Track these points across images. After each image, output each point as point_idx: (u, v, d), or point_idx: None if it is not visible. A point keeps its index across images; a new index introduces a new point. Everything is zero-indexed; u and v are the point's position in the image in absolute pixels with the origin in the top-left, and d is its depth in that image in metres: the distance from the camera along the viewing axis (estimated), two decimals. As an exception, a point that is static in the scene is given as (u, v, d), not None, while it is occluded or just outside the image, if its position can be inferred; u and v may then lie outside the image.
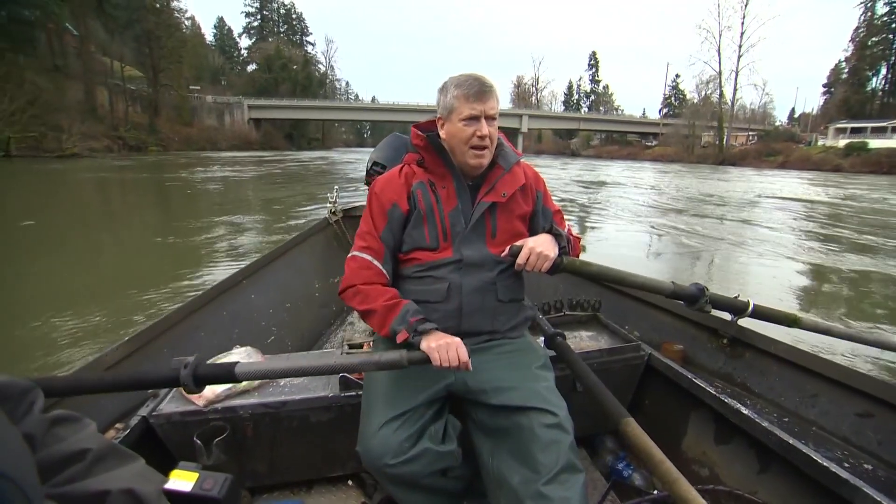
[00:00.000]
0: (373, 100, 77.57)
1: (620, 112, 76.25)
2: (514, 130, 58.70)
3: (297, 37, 74.72)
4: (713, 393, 1.34)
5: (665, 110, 67.58)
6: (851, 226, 9.60)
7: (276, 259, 2.27)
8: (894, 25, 45.23)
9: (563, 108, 77.33)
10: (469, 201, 1.16)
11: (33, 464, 0.41)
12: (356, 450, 1.06)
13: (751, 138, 50.69)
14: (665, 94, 69.30)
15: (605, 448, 1.62)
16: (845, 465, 1.08)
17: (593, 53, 78.37)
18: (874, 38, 46.11)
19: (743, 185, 19.98)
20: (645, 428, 0.98)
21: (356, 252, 1.17)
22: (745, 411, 1.24)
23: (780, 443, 1.12)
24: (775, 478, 1.19)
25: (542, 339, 1.43)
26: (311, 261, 2.58)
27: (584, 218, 10.05)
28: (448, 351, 1.00)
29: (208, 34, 67.85)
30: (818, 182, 23.27)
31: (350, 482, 1.47)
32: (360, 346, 1.49)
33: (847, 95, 46.09)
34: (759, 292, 4.74)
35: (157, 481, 0.54)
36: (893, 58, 45.69)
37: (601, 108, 75.18)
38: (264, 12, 72.71)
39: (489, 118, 1.10)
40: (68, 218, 8.58)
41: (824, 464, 1.02)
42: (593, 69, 77.66)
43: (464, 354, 1.01)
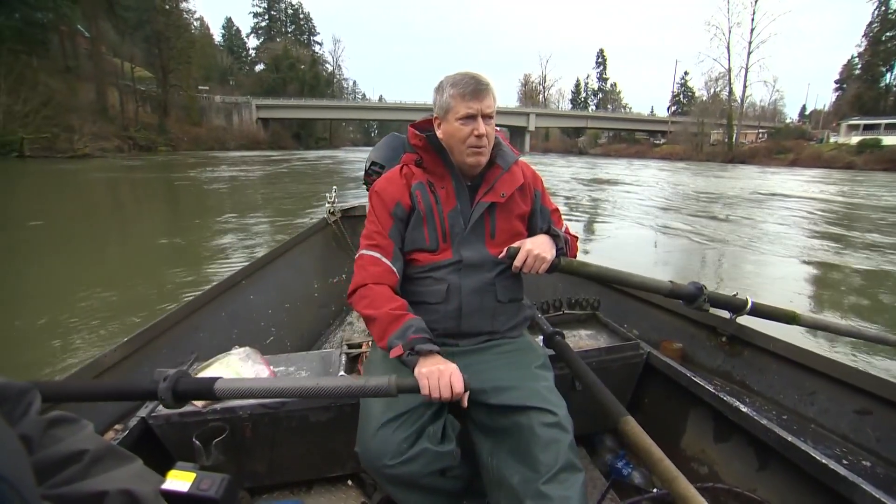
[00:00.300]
0: (380, 99, 77.68)
1: (628, 110, 75.86)
2: (521, 129, 58.53)
3: (305, 37, 75.05)
4: (712, 391, 1.34)
5: (673, 108, 66.93)
6: (861, 225, 9.46)
7: (274, 259, 2.27)
8: (909, 20, 44.42)
9: (570, 106, 77.06)
10: (468, 202, 1.16)
11: (29, 465, 0.41)
12: (355, 450, 1.05)
13: (761, 136, 50.06)
14: (673, 92, 68.69)
15: (605, 447, 1.62)
16: (844, 462, 1.08)
17: (601, 51, 78.09)
18: (888, 33, 45.04)
19: (753, 183, 19.72)
20: (644, 426, 0.98)
21: (364, 251, 1.15)
22: (743, 409, 1.24)
23: (779, 440, 1.12)
24: (774, 475, 1.19)
25: (541, 338, 1.43)
26: (310, 261, 2.59)
27: (583, 216, 9.99)
28: (440, 379, 0.94)
29: (217, 35, 68.62)
30: (829, 180, 22.91)
31: (350, 482, 1.47)
32: (360, 345, 1.50)
33: (860, 91, 45.27)
34: (762, 292, 4.68)
35: (154, 482, 0.54)
36: (908, 53, 44.88)
37: (609, 107, 74.74)
38: (272, 12, 73.10)
39: (486, 117, 1.09)
40: (76, 218, 8.50)
41: (823, 461, 1.02)
42: (601, 67, 77.37)
43: (458, 384, 0.94)
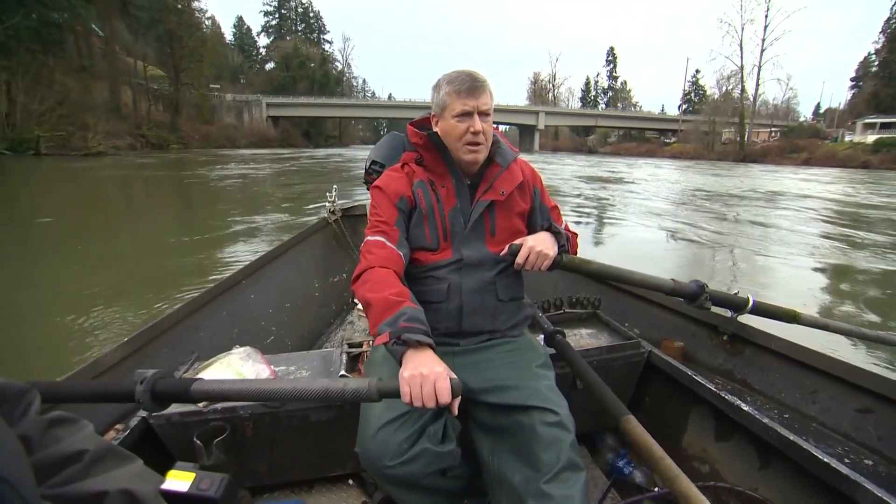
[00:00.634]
0: (389, 97, 77.76)
1: (638, 109, 75.12)
2: (530, 127, 58.30)
3: (315, 35, 75.38)
4: (713, 390, 1.34)
5: (684, 107, 66.15)
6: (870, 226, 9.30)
7: (275, 259, 2.27)
8: (929, 16, 43.33)
9: (580, 104, 76.52)
10: (468, 200, 1.16)
11: (29, 465, 0.41)
12: (355, 450, 1.04)
13: (773, 135, 49.30)
14: (684, 90, 67.81)
15: (606, 445, 1.62)
16: (846, 460, 1.08)
17: (611, 49, 77.46)
18: (907, 29, 44.22)
19: (763, 183, 19.46)
20: (645, 425, 0.98)
21: (369, 236, 1.12)
22: (745, 408, 1.23)
23: (781, 439, 1.12)
24: (776, 474, 1.19)
25: (542, 337, 1.43)
26: (311, 260, 2.58)
27: (586, 215, 9.93)
28: (423, 386, 0.81)
29: (228, 33, 69.16)
30: (843, 180, 22.52)
31: (350, 481, 1.47)
32: (360, 345, 1.49)
33: (877, 89, 44.13)
34: (776, 294, 4.64)
35: (154, 482, 0.54)
36: (927, 50, 43.75)
37: (619, 105, 74.14)
38: (282, 11, 73.50)
39: (482, 114, 1.09)
40: (86, 216, 8.50)
41: (825, 460, 1.02)
42: (611, 65, 76.76)
43: (444, 394, 0.81)
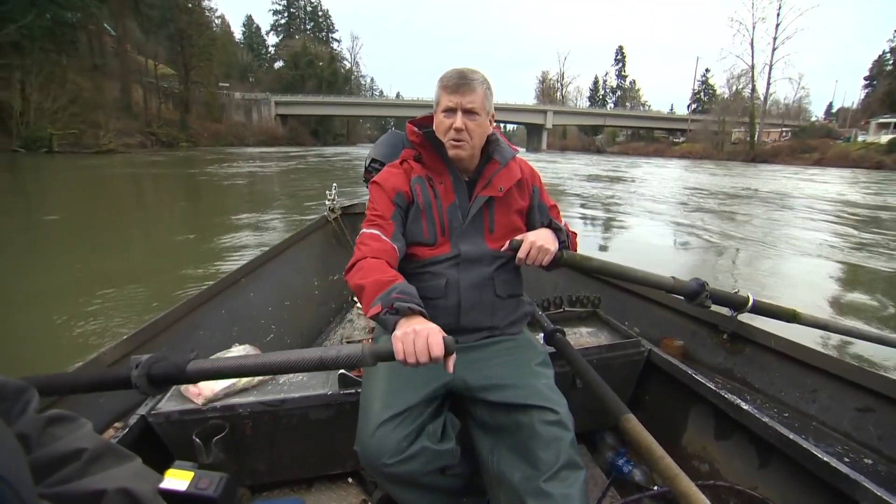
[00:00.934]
0: (397, 96, 77.86)
1: (647, 108, 74.45)
2: (538, 127, 58.17)
3: (324, 34, 75.60)
4: (713, 388, 1.34)
5: (694, 106, 65.59)
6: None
7: (274, 257, 2.27)
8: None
9: (588, 104, 76.03)
10: (466, 196, 1.17)
11: (27, 464, 0.41)
12: (354, 449, 1.04)
13: (784, 134, 48.70)
14: (694, 90, 67.29)
15: (606, 444, 1.62)
16: (846, 459, 1.07)
17: (620, 48, 76.81)
18: (923, 28, 43.52)
19: (764, 183, 19.23)
20: (645, 424, 0.99)
21: (364, 229, 1.12)
22: (745, 407, 1.23)
23: (781, 438, 1.12)
24: (776, 473, 1.19)
25: (542, 335, 1.44)
26: (310, 259, 2.57)
27: (591, 214, 9.89)
28: (416, 342, 0.80)
29: (237, 32, 69.73)
30: (855, 180, 22.20)
31: (350, 480, 1.47)
32: (360, 342, 1.51)
33: (891, 88, 43.43)
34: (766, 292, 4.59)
35: (153, 480, 0.53)
36: (944, 49, 43.09)
37: (627, 104, 73.51)
38: (291, 10, 73.82)
39: (467, 112, 1.10)
40: (93, 213, 8.43)
41: (825, 459, 1.01)
42: (620, 64, 76.12)
43: (437, 347, 0.79)
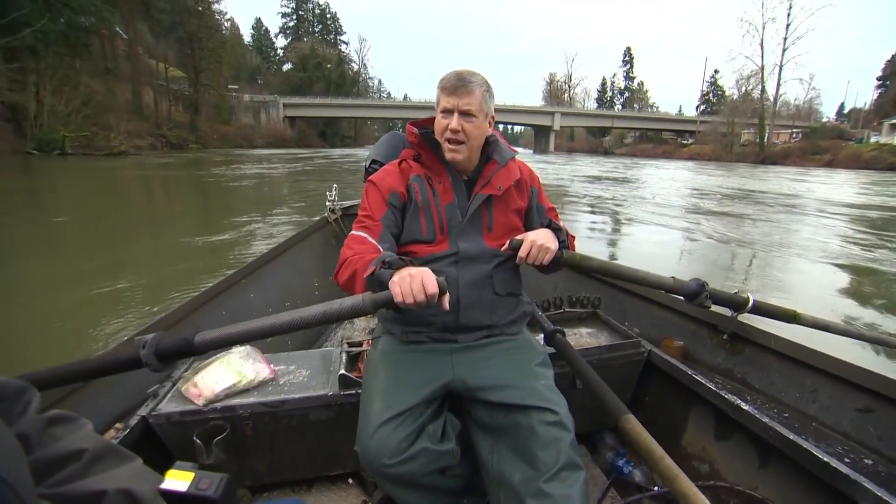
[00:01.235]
0: (404, 98, 78.20)
1: (655, 109, 74.02)
2: (546, 128, 58.00)
3: (332, 36, 76.08)
4: (713, 389, 1.34)
5: (702, 107, 65.06)
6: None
7: (275, 258, 2.27)
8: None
9: (596, 105, 75.79)
10: (465, 196, 1.18)
11: (27, 465, 0.41)
12: (354, 449, 1.05)
13: (794, 136, 48.12)
14: (703, 91, 66.85)
15: (606, 445, 1.62)
16: (846, 460, 1.07)
17: (628, 49, 76.59)
18: (937, 28, 42.79)
19: (768, 184, 19.02)
20: (645, 424, 0.99)
21: (353, 231, 1.16)
22: (745, 407, 1.23)
23: (781, 438, 1.12)
24: (776, 473, 1.19)
25: (542, 336, 1.44)
26: (310, 259, 2.57)
27: (592, 213, 9.85)
28: (412, 284, 0.88)
29: (246, 35, 70.26)
30: (869, 182, 21.88)
31: (350, 480, 1.47)
32: (360, 344, 1.50)
33: (905, 89, 43.19)
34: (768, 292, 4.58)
35: (154, 481, 0.53)
36: (959, 49, 42.34)
37: (635, 106, 73.22)
38: (300, 12, 74.45)
39: (464, 113, 1.11)
40: (102, 215, 8.43)
41: (825, 459, 1.01)
42: (628, 65, 75.88)
43: (431, 285, 0.88)
